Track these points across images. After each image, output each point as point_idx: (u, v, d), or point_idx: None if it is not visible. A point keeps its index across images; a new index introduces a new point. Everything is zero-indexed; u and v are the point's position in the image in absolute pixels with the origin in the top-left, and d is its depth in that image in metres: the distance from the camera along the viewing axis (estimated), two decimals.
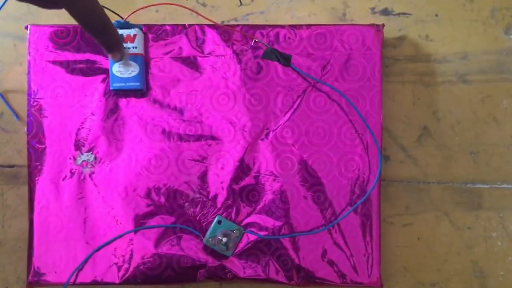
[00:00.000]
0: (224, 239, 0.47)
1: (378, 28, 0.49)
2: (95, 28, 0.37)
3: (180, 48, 0.49)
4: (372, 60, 0.49)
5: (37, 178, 0.49)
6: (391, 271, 0.51)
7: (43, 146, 0.49)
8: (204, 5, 0.52)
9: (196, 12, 0.49)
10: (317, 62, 0.49)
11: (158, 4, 0.50)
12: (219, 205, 0.49)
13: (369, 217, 0.49)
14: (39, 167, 0.49)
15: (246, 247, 0.48)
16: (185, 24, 0.49)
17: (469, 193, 0.51)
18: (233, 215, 0.49)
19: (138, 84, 0.48)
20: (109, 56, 0.45)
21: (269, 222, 0.48)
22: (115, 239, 0.48)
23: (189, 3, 0.52)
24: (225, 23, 0.52)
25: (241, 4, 0.52)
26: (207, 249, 0.48)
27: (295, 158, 0.49)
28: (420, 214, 0.51)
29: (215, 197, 0.49)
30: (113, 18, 0.45)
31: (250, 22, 0.52)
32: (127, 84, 0.47)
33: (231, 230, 0.48)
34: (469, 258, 0.51)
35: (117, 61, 0.46)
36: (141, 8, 0.48)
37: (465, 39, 0.52)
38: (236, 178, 0.49)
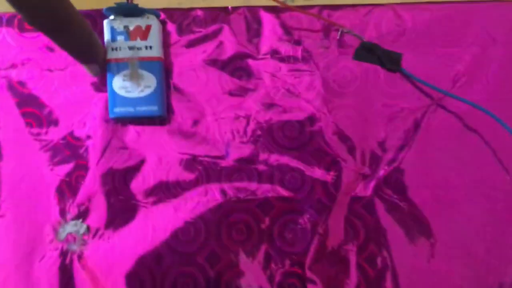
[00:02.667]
0: None
1: None
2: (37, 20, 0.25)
3: (221, 45, 0.36)
4: None
5: None
6: None
7: (1, 212, 0.35)
8: None
9: None
10: (442, 64, 0.35)
11: None
12: None
13: None
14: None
15: None
16: (227, 7, 0.37)
17: None
18: None
19: (155, 108, 0.35)
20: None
21: None
22: None
23: None
24: (290, 3, 0.37)
25: None
26: None
27: (413, 222, 0.34)
28: None
29: None
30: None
31: (330, 1, 0.38)
32: (138, 108, 0.35)
33: None
34: None
35: (96, 75, 0.34)
36: None
37: None
38: (315, 260, 0.33)
